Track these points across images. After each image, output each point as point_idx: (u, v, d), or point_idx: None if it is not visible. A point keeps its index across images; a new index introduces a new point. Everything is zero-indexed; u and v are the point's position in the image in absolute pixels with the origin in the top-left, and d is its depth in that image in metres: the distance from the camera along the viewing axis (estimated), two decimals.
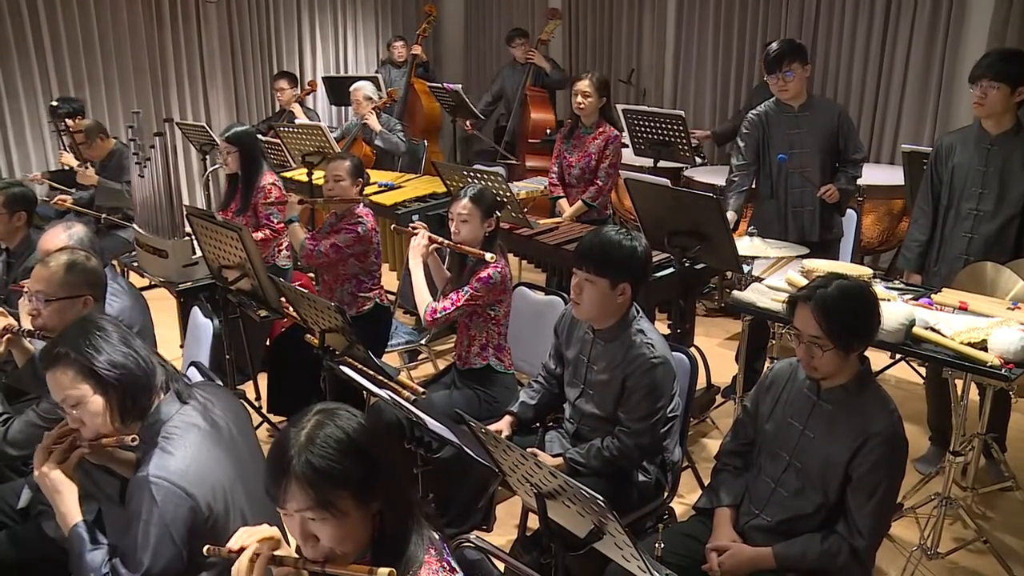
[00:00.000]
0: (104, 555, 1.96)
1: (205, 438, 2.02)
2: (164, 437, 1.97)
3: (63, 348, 1.97)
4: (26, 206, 3.88)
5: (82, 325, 2.04)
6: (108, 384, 1.95)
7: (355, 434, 1.51)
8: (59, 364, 1.96)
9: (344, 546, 1.50)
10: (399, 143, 6.59)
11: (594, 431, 2.87)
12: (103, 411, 1.97)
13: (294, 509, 1.48)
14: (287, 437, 1.50)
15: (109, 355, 1.97)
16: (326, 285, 4.23)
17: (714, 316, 5.93)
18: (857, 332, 2.32)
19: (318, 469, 1.45)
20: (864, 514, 2.31)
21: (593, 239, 2.73)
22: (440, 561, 1.55)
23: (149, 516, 1.87)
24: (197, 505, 1.91)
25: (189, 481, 1.91)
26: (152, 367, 2.04)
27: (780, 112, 4.31)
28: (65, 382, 1.95)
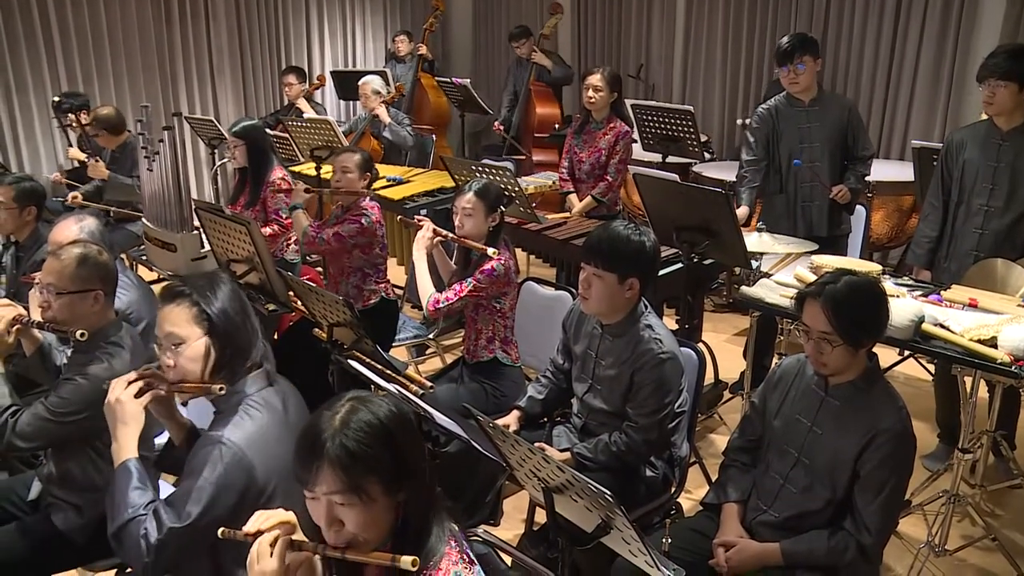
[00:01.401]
0: (148, 498, 1.98)
1: (279, 423, 2.06)
2: (244, 408, 2.02)
3: (188, 288, 2.03)
4: (36, 200, 3.90)
5: (210, 277, 2.12)
6: (216, 333, 2.01)
7: (388, 421, 1.52)
8: (178, 300, 2.03)
9: (368, 532, 1.51)
10: (407, 136, 6.60)
11: (602, 426, 2.87)
12: (201, 357, 2.02)
13: (323, 492, 1.49)
14: (320, 420, 1.51)
15: (226, 308, 2.04)
16: (331, 278, 4.24)
17: (722, 312, 5.92)
18: (866, 328, 2.31)
19: (352, 453, 1.46)
20: (872, 511, 2.30)
21: (602, 234, 2.73)
22: (460, 553, 1.56)
23: (211, 473, 1.91)
24: (255, 478, 1.95)
25: (256, 454, 1.95)
26: (256, 339, 2.11)
27: (790, 106, 4.30)
28: (177, 319, 2.02)
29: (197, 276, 2.15)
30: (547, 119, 7.58)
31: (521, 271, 3.65)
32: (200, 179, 8.29)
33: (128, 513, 1.95)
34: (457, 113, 7.60)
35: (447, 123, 8.06)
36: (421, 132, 7.12)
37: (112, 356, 2.53)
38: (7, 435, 2.48)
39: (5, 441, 2.49)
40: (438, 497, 1.61)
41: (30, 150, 7.26)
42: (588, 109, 5.02)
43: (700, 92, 7.94)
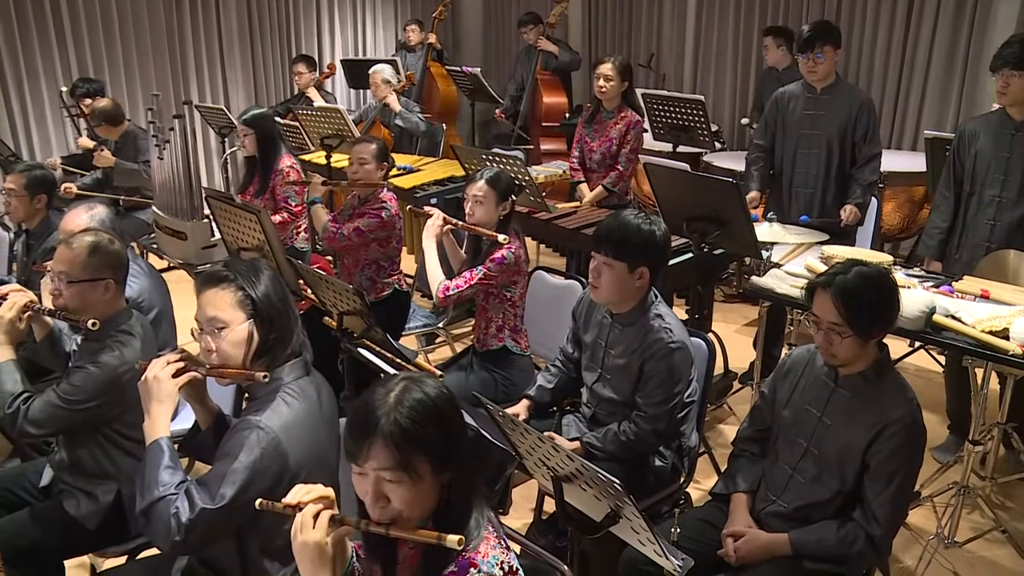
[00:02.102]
0: (179, 478, 1.98)
1: (314, 412, 2.07)
2: (282, 395, 2.03)
3: (232, 273, 2.04)
4: (47, 189, 3.91)
5: (252, 263, 2.12)
6: (260, 318, 2.02)
7: (439, 402, 1.55)
8: (222, 284, 2.03)
9: (412, 510, 1.53)
10: (419, 123, 6.61)
11: (611, 415, 2.87)
12: (243, 342, 2.02)
13: (373, 468, 1.51)
14: (374, 398, 1.53)
15: (269, 294, 2.04)
16: (345, 270, 4.24)
17: (732, 302, 5.91)
18: (876, 319, 2.30)
19: (405, 430, 1.48)
20: (881, 502, 2.30)
21: (612, 223, 2.73)
22: (498, 539, 1.59)
23: (247, 457, 1.91)
24: (288, 465, 1.96)
25: (291, 441, 1.96)
26: (297, 327, 2.11)
27: (803, 92, 4.30)
28: (221, 303, 2.01)
29: (239, 262, 2.14)
30: (554, 108, 7.57)
31: (531, 260, 3.64)
32: (210, 167, 8.31)
33: (159, 491, 1.95)
34: (467, 102, 7.59)
35: (457, 112, 8.05)
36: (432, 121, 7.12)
37: (123, 344, 2.54)
38: (19, 421, 2.49)
39: (17, 427, 2.50)
40: (479, 482, 1.63)
41: (41, 138, 7.29)
42: (599, 98, 5.00)
43: (711, 82, 7.92)
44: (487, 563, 1.52)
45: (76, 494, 2.60)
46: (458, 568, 1.51)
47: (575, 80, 8.21)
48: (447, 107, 7.87)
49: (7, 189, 3.86)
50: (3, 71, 6.99)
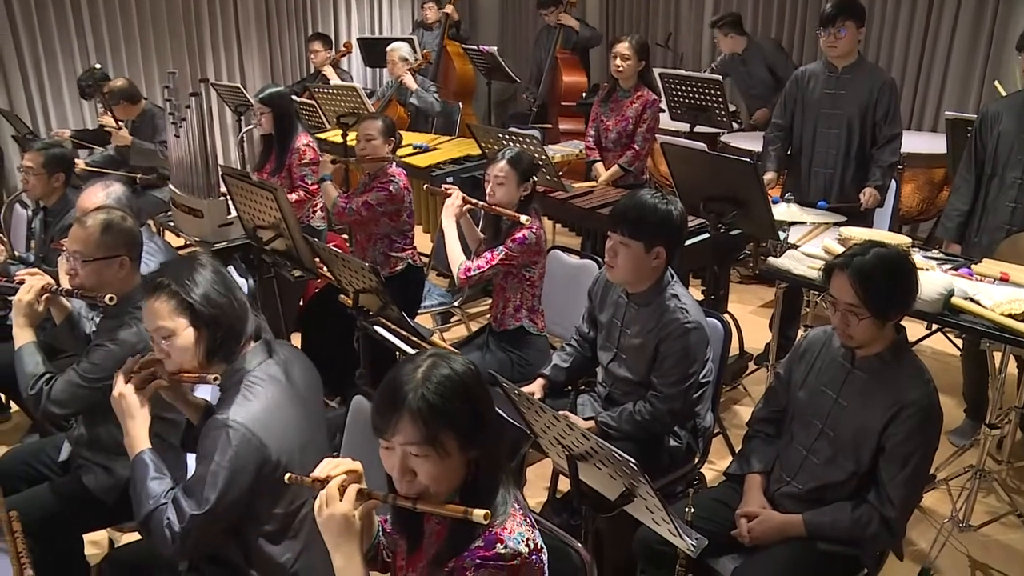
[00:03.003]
0: (167, 486, 2.01)
1: (284, 394, 2.06)
2: (247, 385, 2.02)
3: (166, 279, 2.02)
4: (65, 167, 3.93)
5: (187, 262, 2.09)
6: (202, 320, 2.00)
7: (467, 378, 1.56)
8: (159, 293, 2.01)
9: (439, 485, 1.55)
10: (434, 102, 6.60)
11: (626, 395, 2.87)
12: (192, 346, 2.02)
13: (400, 443, 1.52)
14: (402, 373, 1.54)
15: (208, 293, 2.02)
16: (359, 244, 4.25)
17: (748, 283, 5.89)
18: (894, 301, 2.28)
19: (432, 405, 1.49)
20: (896, 484, 2.29)
21: (628, 202, 2.71)
22: (523, 515, 1.60)
23: (222, 458, 1.91)
24: (268, 455, 1.96)
25: (265, 431, 1.96)
26: (245, 315, 2.09)
27: (824, 71, 4.25)
28: (162, 312, 2.01)
29: (175, 263, 2.12)
30: (574, 87, 7.53)
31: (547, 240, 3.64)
32: (226, 146, 8.32)
33: (150, 504, 1.98)
34: (484, 81, 7.56)
35: (473, 91, 8.02)
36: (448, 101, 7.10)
37: (140, 321, 2.54)
38: (43, 402, 2.52)
39: (41, 408, 2.54)
40: (506, 459, 1.64)
41: (58, 116, 7.31)
42: (615, 78, 4.98)
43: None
44: (513, 539, 1.53)
45: (94, 469, 2.63)
46: (485, 543, 1.52)
47: (592, 59, 8.16)
48: (464, 86, 7.84)
49: (25, 167, 3.87)
50: (21, 50, 7.00)
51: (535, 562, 1.56)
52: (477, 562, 1.51)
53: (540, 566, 1.58)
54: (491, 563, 1.51)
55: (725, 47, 6.42)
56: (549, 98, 7.65)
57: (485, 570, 1.51)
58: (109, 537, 3.12)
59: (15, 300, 2.63)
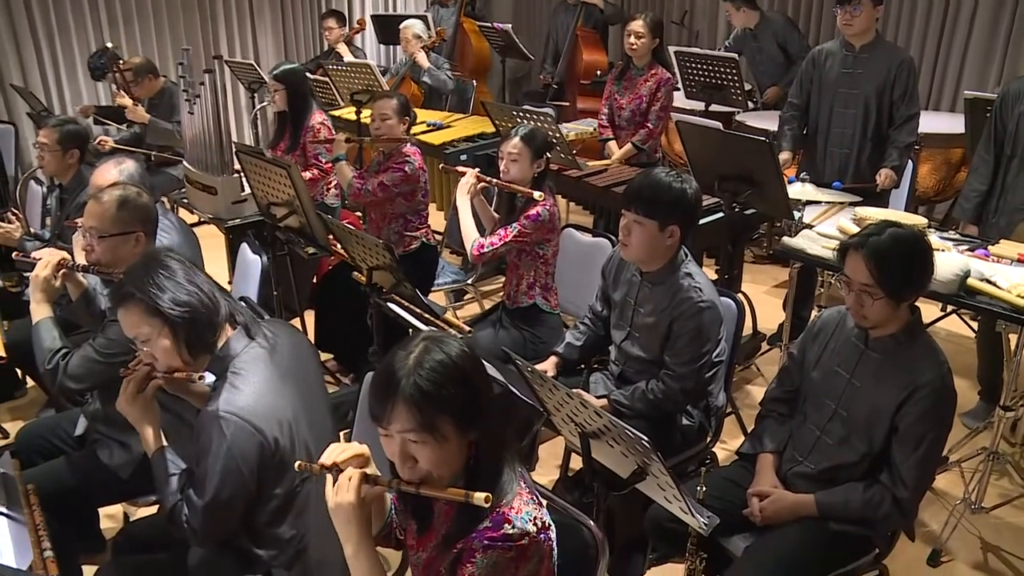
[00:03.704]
0: (179, 482, 2.05)
1: (272, 374, 2.06)
2: (233, 372, 2.02)
3: (129, 288, 2.02)
4: (79, 144, 3.93)
5: (146, 264, 2.07)
6: (172, 320, 2.00)
7: (461, 361, 1.55)
8: (127, 303, 2.02)
9: (440, 470, 1.55)
10: (447, 81, 6.57)
11: (639, 374, 2.87)
12: (171, 346, 2.02)
13: (397, 430, 1.52)
14: (395, 360, 1.54)
15: (173, 293, 2.01)
16: (373, 224, 4.25)
17: (762, 263, 5.87)
18: (909, 281, 2.27)
19: (425, 392, 1.49)
20: (909, 465, 2.28)
21: (643, 180, 2.70)
22: (530, 494, 1.60)
23: (218, 449, 1.92)
24: (265, 439, 1.96)
25: (258, 416, 1.96)
26: (216, 303, 2.08)
27: (841, 50, 4.21)
28: (134, 320, 2.01)
29: (136, 268, 2.09)
30: (593, 66, 7.47)
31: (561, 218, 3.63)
32: (240, 123, 8.32)
33: (171, 500, 2.04)
34: (498, 59, 7.52)
35: (488, 69, 7.99)
36: (462, 78, 7.07)
37: None
38: (59, 376, 2.54)
39: (58, 383, 2.56)
40: (510, 439, 1.65)
41: (72, 92, 7.32)
42: (629, 56, 4.95)
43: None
44: (520, 518, 1.53)
45: (110, 444, 2.65)
46: (492, 523, 1.53)
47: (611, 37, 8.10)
48: (480, 63, 7.80)
49: (40, 143, 3.88)
50: (35, 26, 7.00)
51: (543, 540, 1.57)
52: (485, 543, 1.52)
53: (548, 544, 1.59)
54: (499, 544, 1.51)
55: (737, 21, 6.36)
56: (567, 76, 7.61)
57: (493, 551, 1.51)
58: (124, 511, 3.15)
59: (32, 276, 2.65)
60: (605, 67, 7.47)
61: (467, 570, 1.53)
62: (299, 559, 2.11)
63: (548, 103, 7.13)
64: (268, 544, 2.09)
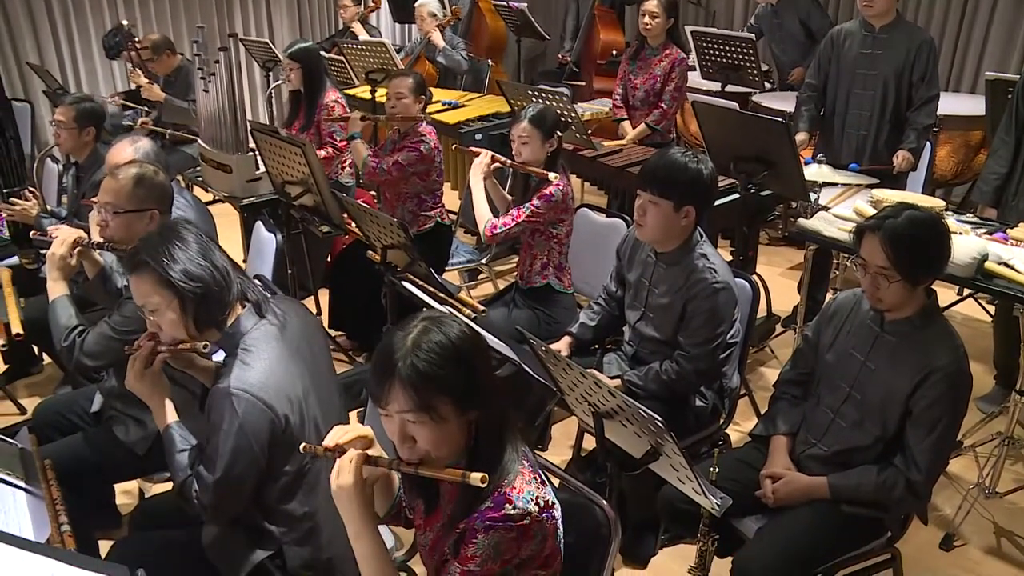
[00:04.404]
0: (190, 457, 2.05)
1: (282, 351, 2.06)
2: (243, 349, 2.02)
3: (143, 256, 2.02)
4: (95, 121, 3.93)
5: (163, 234, 2.08)
6: (183, 293, 2.00)
7: (459, 342, 1.54)
8: (139, 271, 2.02)
9: (440, 450, 1.55)
10: (461, 61, 6.55)
11: (653, 354, 2.87)
12: (179, 318, 2.02)
13: (395, 411, 1.52)
14: (393, 341, 1.54)
15: (185, 265, 2.01)
16: (387, 203, 4.25)
17: (777, 245, 5.84)
18: (925, 264, 2.25)
19: (422, 373, 1.49)
20: (923, 449, 2.28)
21: (659, 161, 2.69)
22: (533, 473, 1.60)
23: (230, 427, 1.93)
24: (275, 416, 1.97)
25: (268, 393, 1.96)
26: (228, 280, 2.08)
27: (860, 30, 4.17)
28: (144, 289, 2.01)
29: (152, 237, 2.09)
30: (610, 46, 7.43)
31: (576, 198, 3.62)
32: (254, 102, 8.31)
33: (180, 475, 2.04)
34: (513, 38, 7.49)
35: (504, 48, 7.95)
36: (476, 58, 7.04)
37: None
38: (75, 354, 2.55)
39: (74, 360, 2.57)
40: (512, 418, 1.64)
41: (87, 71, 7.33)
42: (643, 36, 4.92)
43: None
44: (522, 498, 1.53)
45: (125, 420, 2.67)
46: (494, 504, 1.53)
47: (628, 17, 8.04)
48: (495, 42, 7.76)
49: (57, 121, 3.89)
50: (51, 5, 7.00)
51: (546, 519, 1.56)
52: (487, 523, 1.52)
53: (552, 522, 1.59)
54: (500, 524, 1.51)
55: None
56: (584, 55, 7.57)
57: (495, 531, 1.52)
58: (140, 488, 3.18)
59: (49, 253, 2.66)
60: (622, 47, 7.42)
61: (469, 550, 1.53)
62: (310, 535, 2.12)
63: (563, 83, 7.09)
64: (279, 520, 2.10)
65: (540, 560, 1.59)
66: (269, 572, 2.12)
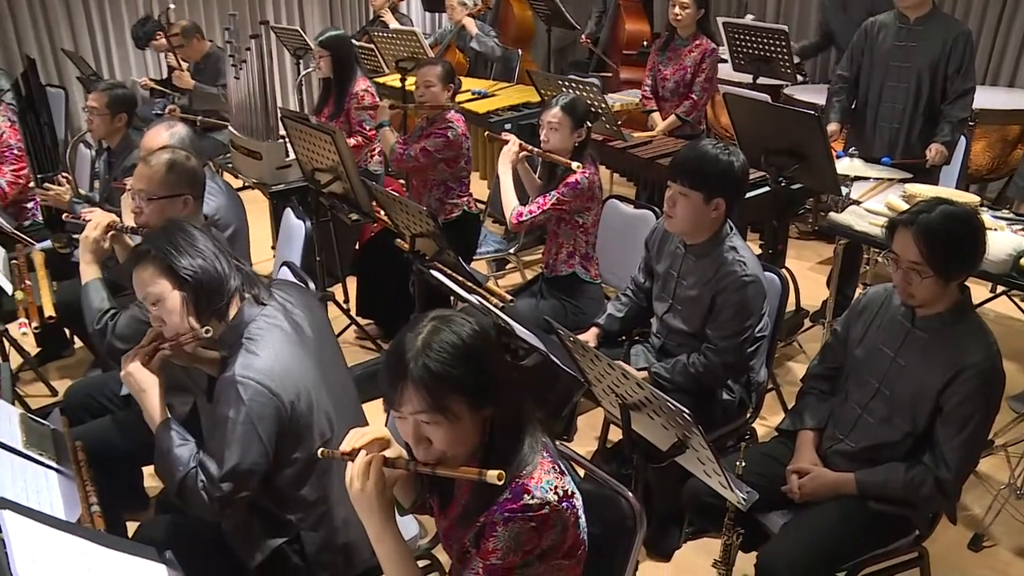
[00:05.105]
0: (191, 450, 2.03)
1: (287, 338, 2.06)
2: (248, 338, 2.02)
3: (146, 246, 2.05)
4: (127, 108, 3.97)
5: (167, 228, 2.10)
6: (184, 281, 2.01)
7: (470, 340, 1.53)
8: (142, 262, 2.04)
9: (455, 449, 1.55)
10: (494, 47, 6.55)
11: (680, 347, 2.86)
12: (180, 308, 2.03)
13: (409, 412, 1.52)
14: (404, 342, 1.53)
15: (188, 256, 2.02)
16: (414, 191, 4.26)
17: (806, 239, 5.79)
18: (959, 260, 2.22)
19: (434, 373, 1.48)
20: (953, 447, 2.25)
21: (690, 152, 2.68)
22: (552, 463, 1.59)
23: (236, 415, 1.93)
24: (282, 404, 1.96)
25: (274, 380, 1.96)
26: (227, 272, 2.08)
27: (895, 22, 4.12)
28: (146, 278, 2.03)
29: (156, 231, 2.12)
30: (636, 35, 7.40)
31: (604, 189, 3.61)
32: (284, 89, 8.35)
33: (180, 470, 2.00)
34: (543, 28, 7.47)
35: (531, 38, 7.93)
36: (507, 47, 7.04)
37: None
38: (108, 336, 2.58)
39: (106, 343, 2.59)
40: (529, 410, 1.63)
41: (120, 56, 7.40)
42: (673, 26, 4.89)
43: (795, 11, 7.63)
44: (540, 488, 1.53)
45: None
46: (512, 495, 1.52)
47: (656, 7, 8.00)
48: (522, 32, 7.75)
49: (90, 107, 3.93)
50: None
51: (566, 509, 1.56)
52: (506, 515, 1.51)
53: (572, 512, 1.58)
54: (519, 515, 1.51)
55: None
56: (611, 46, 7.54)
57: (514, 523, 1.51)
58: None
59: (82, 237, 2.69)
60: (649, 37, 7.39)
61: (490, 544, 1.53)
62: (324, 520, 2.12)
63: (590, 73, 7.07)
64: (292, 507, 2.10)
65: (563, 550, 1.59)
66: (287, 556, 2.14)
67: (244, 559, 2.13)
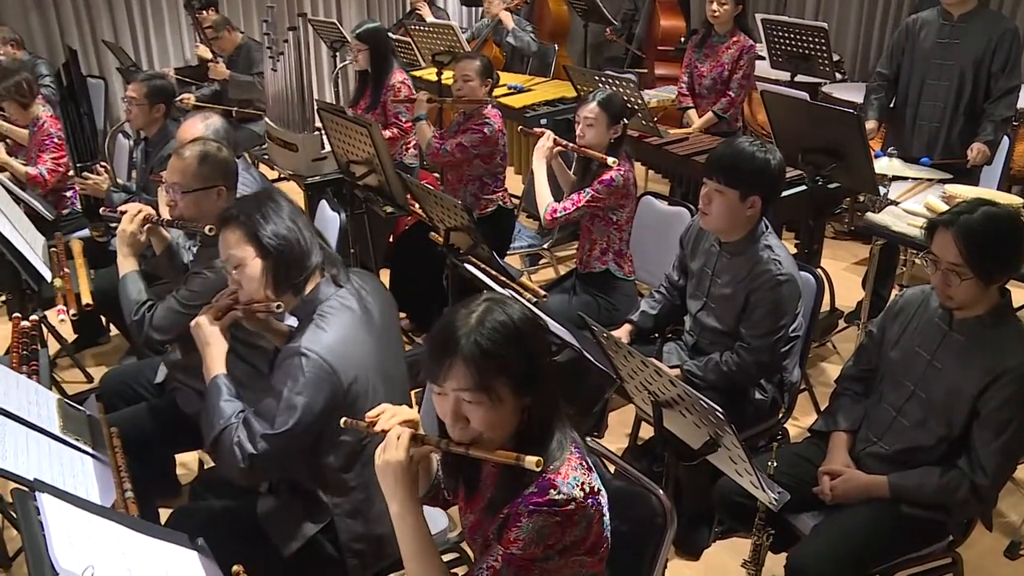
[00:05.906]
0: (236, 408, 2.07)
1: (356, 321, 2.10)
2: (319, 315, 2.06)
3: (236, 211, 2.10)
4: (165, 98, 4.02)
5: (259, 197, 2.16)
6: (267, 251, 2.05)
7: (522, 324, 1.54)
8: (230, 225, 2.09)
9: (492, 432, 1.55)
10: (531, 42, 6.56)
11: (713, 345, 2.85)
12: (260, 276, 2.07)
13: (452, 388, 1.52)
14: (456, 318, 1.54)
15: (275, 226, 2.07)
16: (449, 185, 4.26)
17: (842, 239, 5.73)
18: (1000, 262, 2.19)
19: (485, 351, 1.49)
20: (990, 452, 2.22)
21: (726, 149, 2.67)
22: (580, 459, 1.59)
23: (295, 384, 1.96)
24: (339, 382, 1.99)
25: (337, 358, 1.99)
26: (310, 248, 2.13)
27: (937, 19, 4.05)
28: (232, 241, 2.08)
29: (248, 197, 2.18)
30: (671, 32, 7.36)
31: (639, 186, 3.60)
32: (321, 81, 8.40)
33: (221, 423, 2.04)
34: (579, 23, 7.45)
35: (567, 33, 7.91)
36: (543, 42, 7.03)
37: None
38: (145, 328, 2.62)
39: (144, 334, 2.63)
40: (561, 405, 1.63)
41: (159, 47, 7.48)
42: (710, 23, 4.86)
43: (835, 7, 7.56)
44: (567, 484, 1.52)
45: (188, 392, 2.72)
46: (538, 489, 1.52)
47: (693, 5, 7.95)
48: (558, 27, 7.74)
49: (128, 97, 3.98)
50: None
51: (591, 505, 1.55)
52: (531, 508, 1.51)
53: (597, 508, 1.58)
54: (544, 509, 1.51)
55: None
56: (646, 42, 7.51)
57: (539, 516, 1.51)
58: (200, 458, 3.24)
59: (119, 230, 2.72)
60: (683, 32, 7.35)
61: (512, 534, 1.53)
62: (361, 509, 2.14)
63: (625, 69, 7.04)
64: (334, 490, 2.12)
65: (585, 546, 1.59)
66: (321, 545, 2.15)
67: (280, 546, 2.15)
